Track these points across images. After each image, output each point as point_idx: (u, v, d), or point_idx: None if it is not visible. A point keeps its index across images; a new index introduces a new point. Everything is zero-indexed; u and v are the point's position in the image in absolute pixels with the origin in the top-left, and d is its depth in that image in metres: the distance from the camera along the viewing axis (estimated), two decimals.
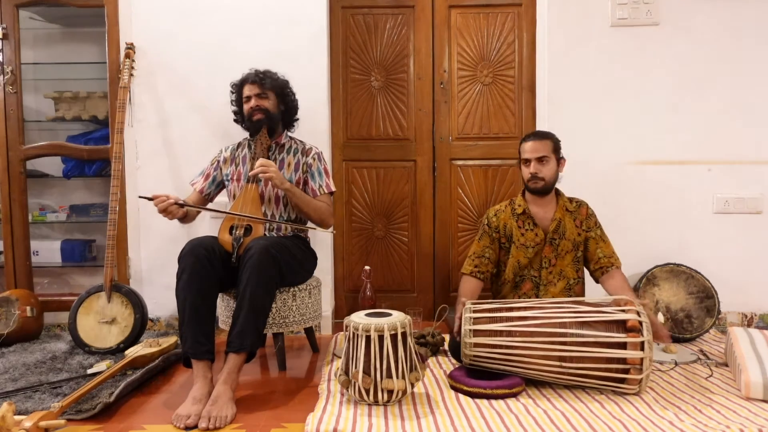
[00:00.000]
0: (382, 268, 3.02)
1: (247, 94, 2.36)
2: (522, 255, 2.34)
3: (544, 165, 2.28)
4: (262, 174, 2.14)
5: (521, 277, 2.37)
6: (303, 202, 2.27)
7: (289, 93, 2.43)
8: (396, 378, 1.76)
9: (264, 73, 2.37)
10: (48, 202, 3.15)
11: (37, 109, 3.08)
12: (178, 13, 2.80)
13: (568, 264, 2.34)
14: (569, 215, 2.34)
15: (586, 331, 1.86)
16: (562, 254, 2.33)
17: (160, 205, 2.10)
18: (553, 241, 2.32)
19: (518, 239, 2.34)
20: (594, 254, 2.33)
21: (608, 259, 2.31)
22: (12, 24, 2.82)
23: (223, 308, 2.28)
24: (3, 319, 2.59)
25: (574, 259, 2.35)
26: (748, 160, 2.78)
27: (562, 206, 2.34)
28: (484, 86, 2.97)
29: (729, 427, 1.61)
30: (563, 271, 2.34)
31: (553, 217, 2.32)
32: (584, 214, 2.36)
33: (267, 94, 2.35)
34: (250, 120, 2.35)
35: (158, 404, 1.92)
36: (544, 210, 2.35)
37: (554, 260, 2.33)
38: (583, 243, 2.35)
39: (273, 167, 2.17)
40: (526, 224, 2.34)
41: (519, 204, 2.37)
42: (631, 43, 2.78)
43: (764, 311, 2.81)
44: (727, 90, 2.77)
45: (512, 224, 2.36)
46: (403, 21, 2.97)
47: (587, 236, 2.34)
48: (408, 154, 3.00)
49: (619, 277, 2.30)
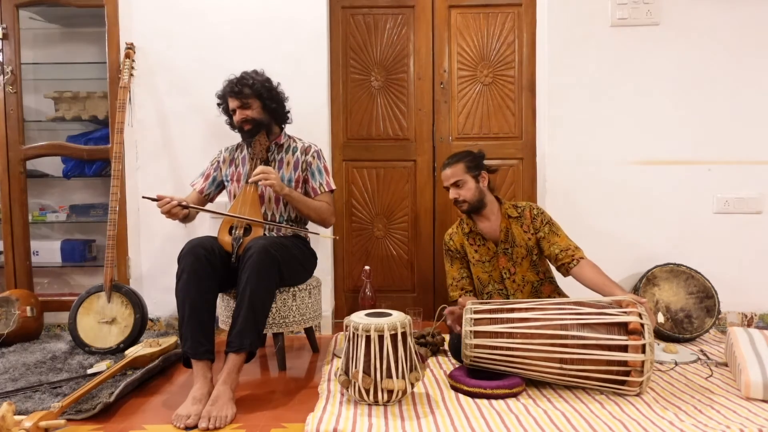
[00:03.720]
0: (382, 268, 3.02)
1: (232, 107, 2.33)
2: (480, 271, 2.40)
3: (461, 188, 2.33)
4: (262, 182, 2.14)
5: (488, 293, 2.42)
6: (303, 204, 2.28)
7: (271, 91, 2.35)
8: (396, 378, 1.76)
9: (240, 81, 2.29)
10: (48, 202, 3.15)
11: (37, 109, 3.08)
12: (178, 13, 2.80)
13: (527, 269, 2.36)
14: (515, 221, 2.35)
15: (587, 333, 1.86)
16: (519, 261, 2.35)
17: (164, 207, 2.11)
18: (506, 251, 2.35)
19: (473, 256, 2.41)
20: (551, 252, 2.28)
21: (566, 253, 2.24)
22: (12, 24, 2.82)
23: (223, 308, 2.28)
24: (3, 319, 2.59)
25: (531, 263, 2.35)
26: (748, 160, 2.78)
27: (505, 214, 2.36)
28: (484, 86, 2.97)
29: (729, 427, 1.61)
30: (525, 276, 2.36)
31: (500, 227, 2.35)
32: (529, 217, 2.34)
33: (249, 103, 2.30)
34: (241, 131, 2.35)
35: (158, 404, 1.92)
36: (489, 223, 2.38)
37: (513, 269, 2.36)
38: (536, 245, 2.34)
39: (273, 174, 2.16)
40: (477, 240, 2.40)
41: (467, 223, 2.43)
42: (631, 43, 2.78)
43: (764, 311, 2.81)
44: (727, 90, 2.77)
45: (465, 243, 2.42)
46: (403, 21, 2.97)
47: (537, 237, 2.32)
48: (408, 154, 3.00)
49: (588, 267, 2.18)
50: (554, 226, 2.32)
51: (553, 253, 2.28)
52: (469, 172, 2.33)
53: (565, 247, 2.26)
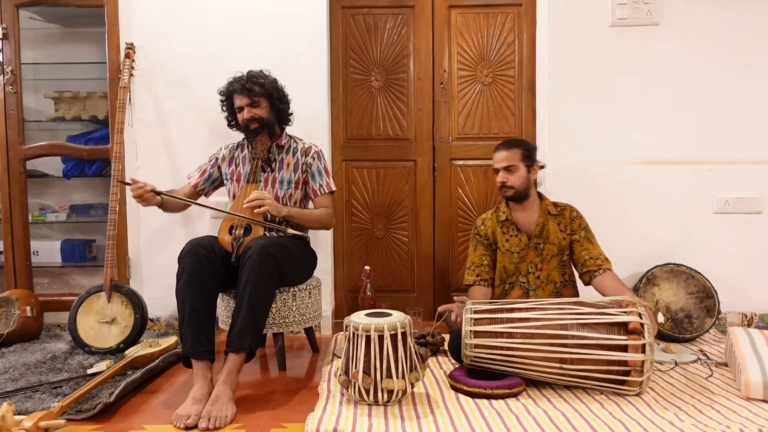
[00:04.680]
0: (382, 268, 3.02)
1: (239, 105, 2.31)
2: (507, 261, 2.38)
3: (512, 173, 2.31)
4: (257, 209, 2.11)
5: (510, 284, 2.40)
6: (303, 219, 2.28)
7: (279, 92, 2.36)
8: (396, 378, 1.76)
9: (250, 80, 2.28)
10: (48, 202, 3.15)
11: (37, 109, 3.08)
12: (178, 13, 2.80)
13: (554, 268, 2.36)
14: (553, 219, 2.36)
15: (587, 333, 1.86)
16: (548, 258, 2.35)
17: (135, 192, 2.10)
18: (537, 246, 2.35)
19: (503, 245, 2.39)
20: (580, 257, 2.32)
21: (595, 262, 2.29)
22: (12, 24, 2.82)
23: (223, 308, 2.28)
24: (3, 319, 2.59)
25: (560, 263, 2.36)
26: (748, 160, 2.78)
27: (545, 210, 2.37)
28: (484, 86, 2.97)
29: (729, 427, 1.61)
30: (550, 275, 2.36)
31: (537, 221, 2.35)
32: (568, 217, 2.36)
33: (258, 101, 2.29)
34: (247, 130, 2.33)
35: (158, 404, 1.92)
36: (527, 215, 2.38)
37: (540, 265, 2.36)
38: (568, 247, 2.35)
39: (268, 199, 2.14)
40: (510, 230, 2.39)
41: (503, 211, 2.41)
42: (631, 43, 2.78)
43: (764, 311, 2.81)
44: (727, 90, 2.77)
45: (497, 231, 2.40)
46: (403, 21, 2.97)
47: (572, 239, 2.34)
48: (408, 154, 3.00)
49: (611, 278, 2.25)
50: (590, 233, 2.36)
51: (582, 258, 2.31)
52: (524, 160, 2.33)
53: (596, 256, 2.30)
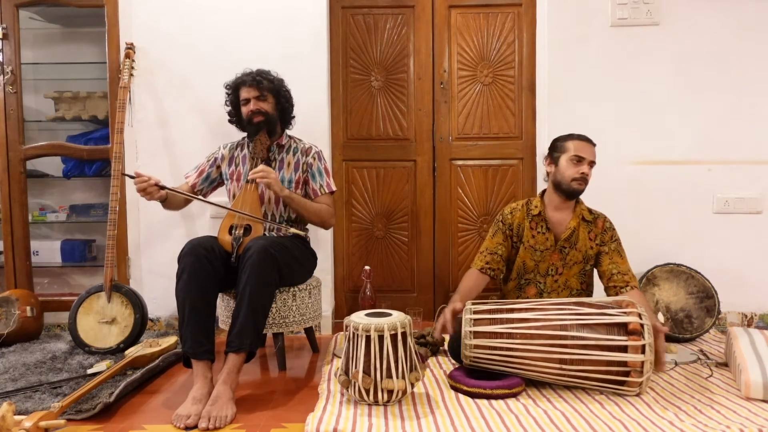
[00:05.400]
0: (382, 268, 3.02)
1: (245, 97, 2.33)
2: (529, 257, 2.30)
3: (590, 170, 2.24)
4: (261, 179, 2.14)
5: (526, 280, 2.33)
6: (302, 207, 2.28)
7: (285, 92, 2.41)
8: (396, 378, 1.76)
9: (260, 74, 2.34)
10: (48, 202, 3.15)
11: (37, 109, 3.08)
12: (178, 13, 2.80)
13: (574, 275, 2.29)
14: (585, 225, 2.28)
15: (587, 334, 1.86)
16: (570, 264, 2.28)
17: (139, 185, 2.10)
18: (563, 249, 2.27)
19: (528, 240, 2.29)
20: (607, 270, 2.23)
21: (623, 277, 2.19)
22: (12, 24, 2.82)
23: (223, 308, 2.28)
24: (3, 319, 2.59)
25: (582, 271, 2.29)
26: (748, 160, 2.78)
27: (579, 215, 2.28)
28: (484, 86, 2.97)
29: (729, 427, 1.61)
30: (568, 281, 2.30)
31: (568, 224, 2.27)
32: (600, 227, 2.28)
33: (265, 95, 2.33)
34: (249, 123, 2.33)
35: (158, 404, 1.92)
36: (560, 216, 2.29)
37: (561, 269, 2.28)
38: (594, 257, 2.28)
39: (272, 174, 2.17)
40: (539, 227, 2.29)
41: (536, 205, 2.30)
42: (631, 43, 2.78)
43: (764, 311, 2.81)
44: (727, 90, 2.77)
45: (525, 224, 2.30)
46: (403, 21, 2.97)
47: (600, 250, 2.26)
48: (408, 154, 3.00)
49: (637, 298, 2.10)
50: (620, 247, 2.27)
51: (609, 272, 2.22)
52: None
53: (624, 271, 2.22)
